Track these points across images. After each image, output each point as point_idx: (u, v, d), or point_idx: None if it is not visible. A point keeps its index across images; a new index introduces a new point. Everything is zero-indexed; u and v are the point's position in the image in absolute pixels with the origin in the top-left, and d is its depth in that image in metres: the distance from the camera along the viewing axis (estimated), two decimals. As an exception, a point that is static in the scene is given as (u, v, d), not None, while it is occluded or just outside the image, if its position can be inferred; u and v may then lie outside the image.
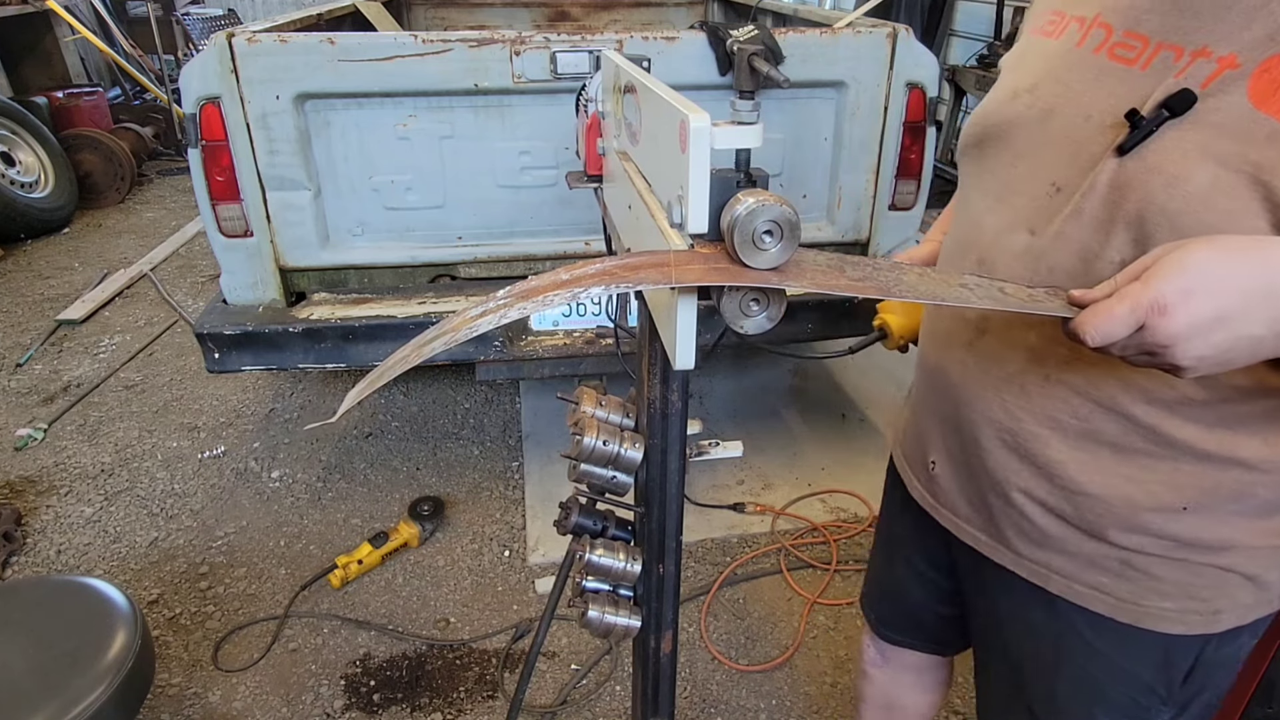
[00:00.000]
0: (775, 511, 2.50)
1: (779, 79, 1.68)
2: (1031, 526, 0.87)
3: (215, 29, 3.81)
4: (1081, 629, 0.88)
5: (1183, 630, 0.83)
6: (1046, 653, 0.93)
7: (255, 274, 2.12)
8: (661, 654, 1.02)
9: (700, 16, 4.47)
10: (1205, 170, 0.64)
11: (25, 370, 3.35)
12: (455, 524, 2.47)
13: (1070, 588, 0.87)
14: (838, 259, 0.63)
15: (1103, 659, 0.88)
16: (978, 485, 0.92)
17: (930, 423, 0.98)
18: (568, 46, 1.97)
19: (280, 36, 1.88)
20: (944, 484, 0.98)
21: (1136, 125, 0.68)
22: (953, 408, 0.91)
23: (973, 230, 0.86)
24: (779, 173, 2.29)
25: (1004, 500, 0.89)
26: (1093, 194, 0.72)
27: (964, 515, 0.96)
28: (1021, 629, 0.96)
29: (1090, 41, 0.77)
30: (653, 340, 0.83)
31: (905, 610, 1.24)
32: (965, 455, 0.92)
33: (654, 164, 0.72)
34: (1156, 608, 0.83)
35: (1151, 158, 0.68)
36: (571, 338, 2.18)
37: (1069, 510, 0.84)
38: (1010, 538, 0.91)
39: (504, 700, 1.89)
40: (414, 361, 0.58)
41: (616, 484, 0.93)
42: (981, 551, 0.95)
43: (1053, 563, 0.88)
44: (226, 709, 1.88)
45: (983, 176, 0.86)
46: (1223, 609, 0.82)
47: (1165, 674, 0.86)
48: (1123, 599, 0.84)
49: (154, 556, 2.32)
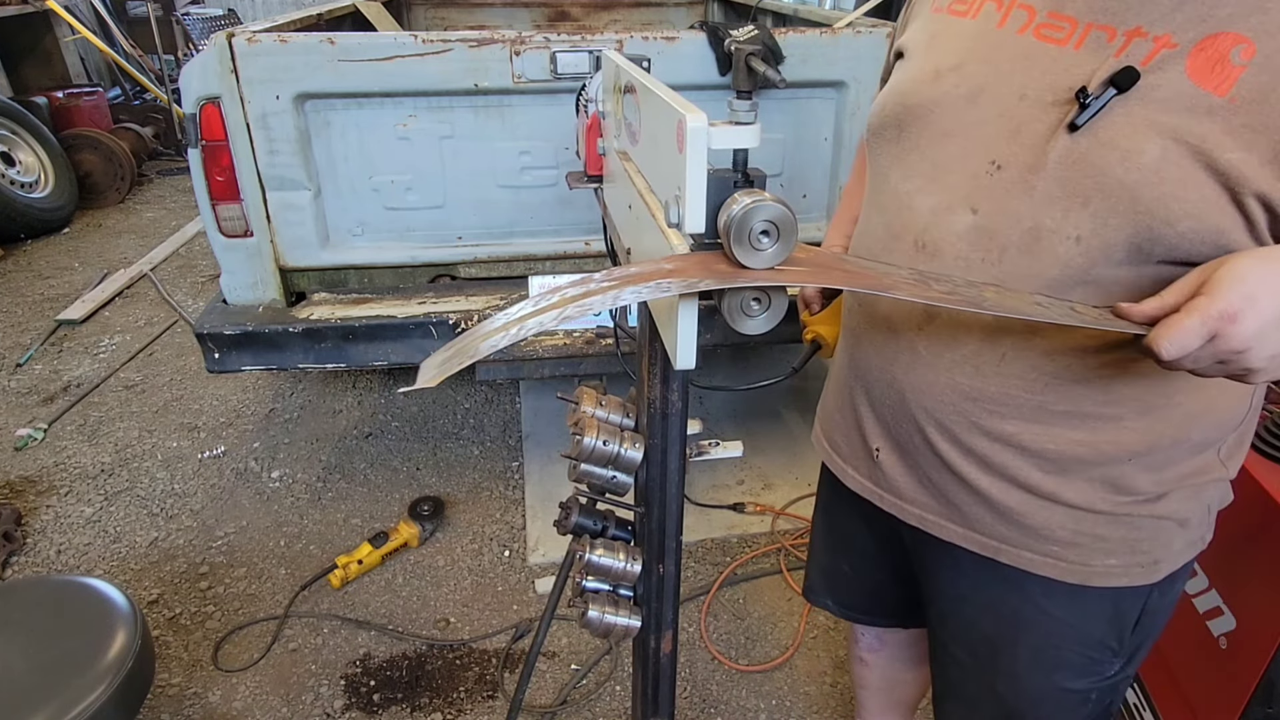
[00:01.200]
0: (775, 511, 2.50)
1: (775, 79, 1.68)
2: (984, 501, 0.89)
3: (215, 29, 3.81)
4: (1037, 598, 0.91)
5: (1128, 583, 0.88)
6: (1005, 626, 0.95)
7: (255, 274, 2.12)
8: (661, 654, 1.02)
9: (700, 16, 4.46)
10: (1155, 143, 0.67)
11: (25, 370, 3.35)
12: (455, 524, 2.47)
13: (1022, 557, 0.90)
14: (912, 271, 0.65)
15: (1058, 623, 0.92)
16: (927, 467, 0.93)
17: (870, 411, 0.98)
18: (568, 46, 1.97)
19: (280, 36, 1.88)
20: (889, 469, 0.98)
21: (1085, 103, 0.69)
22: (898, 393, 0.91)
23: (904, 213, 0.85)
24: (779, 173, 2.29)
25: (957, 479, 0.90)
26: (1044, 171, 0.73)
27: (910, 498, 0.97)
28: (978, 606, 0.98)
29: (1012, 22, 0.79)
30: (653, 340, 0.83)
31: (867, 591, 1.24)
32: (913, 438, 0.93)
33: (653, 164, 0.72)
34: (1103, 565, 0.87)
35: (1104, 133, 0.70)
36: (571, 338, 2.18)
37: (1022, 479, 0.86)
38: (963, 515, 0.92)
39: (504, 700, 1.89)
40: (507, 340, 0.57)
41: (616, 484, 0.93)
42: (931, 532, 0.97)
43: (1007, 535, 0.90)
44: (226, 709, 1.88)
45: (906, 157, 0.86)
46: (1161, 558, 0.88)
47: (1116, 628, 0.92)
48: (1073, 562, 0.88)
49: (154, 556, 2.32)
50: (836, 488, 1.11)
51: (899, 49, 0.93)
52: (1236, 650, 1.15)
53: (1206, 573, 1.23)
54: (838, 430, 1.08)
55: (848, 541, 1.20)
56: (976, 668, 1.02)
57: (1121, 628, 0.92)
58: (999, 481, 0.87)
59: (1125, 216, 0.70)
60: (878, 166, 0.92)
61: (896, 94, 0.88)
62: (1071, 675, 0.95)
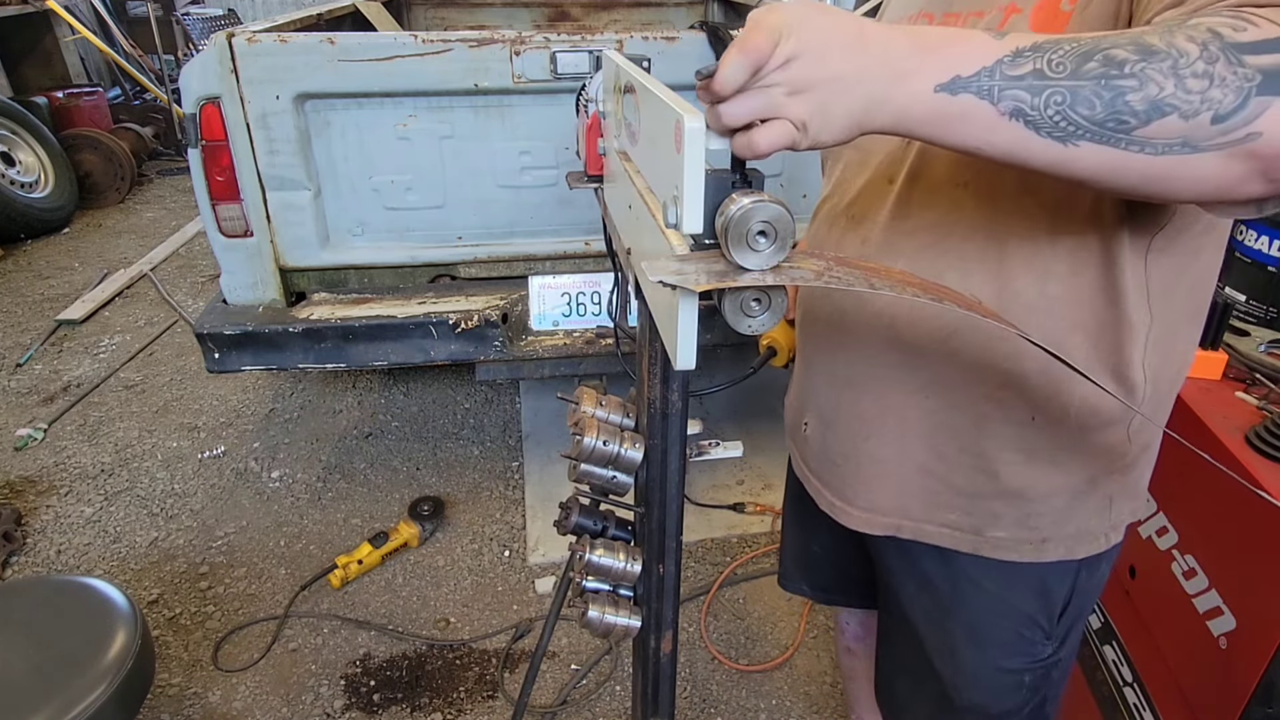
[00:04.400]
0: (775, 511, 2.50)
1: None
2: (931, 484, 0.93)
3: (215, 29, 3.80)
4: (970, 572, 0.94)
5: (1017, 558, 0.91)
6: (942, 602, 0.98)
7: (255, 274, 2.12)
8: (661, 654, 1.02)
9: (700, 16, 4.46)
10: None
11: (25, 370, 3.35)
12: (455, 524, 2.47)
13: (922, 530, 0.94)
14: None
15: (990, 598, 0.95)
16: (850, 447, 0.98)
17: (809, 382, 1.04)
18: (568, 46, 1.97)
19: (280, 36, 1.88)
20: (814, 442, 1.03)
21: None
22: (828, 366, 0.98)
23: (846, 193, 0.95)
24: (779, 173, 2.29)
25: (925, 467, 0.93)
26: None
27: (825, 481, 1.03)
28: (917, 582, 1.00)
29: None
30: (653, 340, 0.83)
31: (838, 572, 1.26)
32: (839, 409, 0.98)
33: (652, 164, 0.72)
34: (993, 538, 0.91)
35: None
36: (571, 338, 2.18)
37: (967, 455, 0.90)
38: (867, 495, 0.97)
39: (504, 700, 1.89)
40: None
41: (616, 484, 0.93)
42: (836, 518, 1.01)
43: (947, 519, 0.93)
44: (226, 709, 1.88)
45: (846, 151, 0.97)
46: (1049, 536, 0.91)
47: (1045, 605, 0.95)
48: (966, 532, 0.92)
49: (154, 556, 2.33)
50: (792, 473, 1.18)
51: None
52: (1236, 650, 1.15)
53: (1206, 573, 1.23)
54: (790, 412, 1.14)
55: (813, 523, 1.21)
56: (918, 644, 1.04)
57: (1050, 606, 0.95)
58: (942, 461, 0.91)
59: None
60: (830, 166, 1.05)
61: None
62: (1005, 654, 0.98)
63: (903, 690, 1.13)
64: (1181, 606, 1.26)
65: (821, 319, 0.98)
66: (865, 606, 1.31)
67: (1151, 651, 1.36)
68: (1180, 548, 1.29)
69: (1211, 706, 1.20)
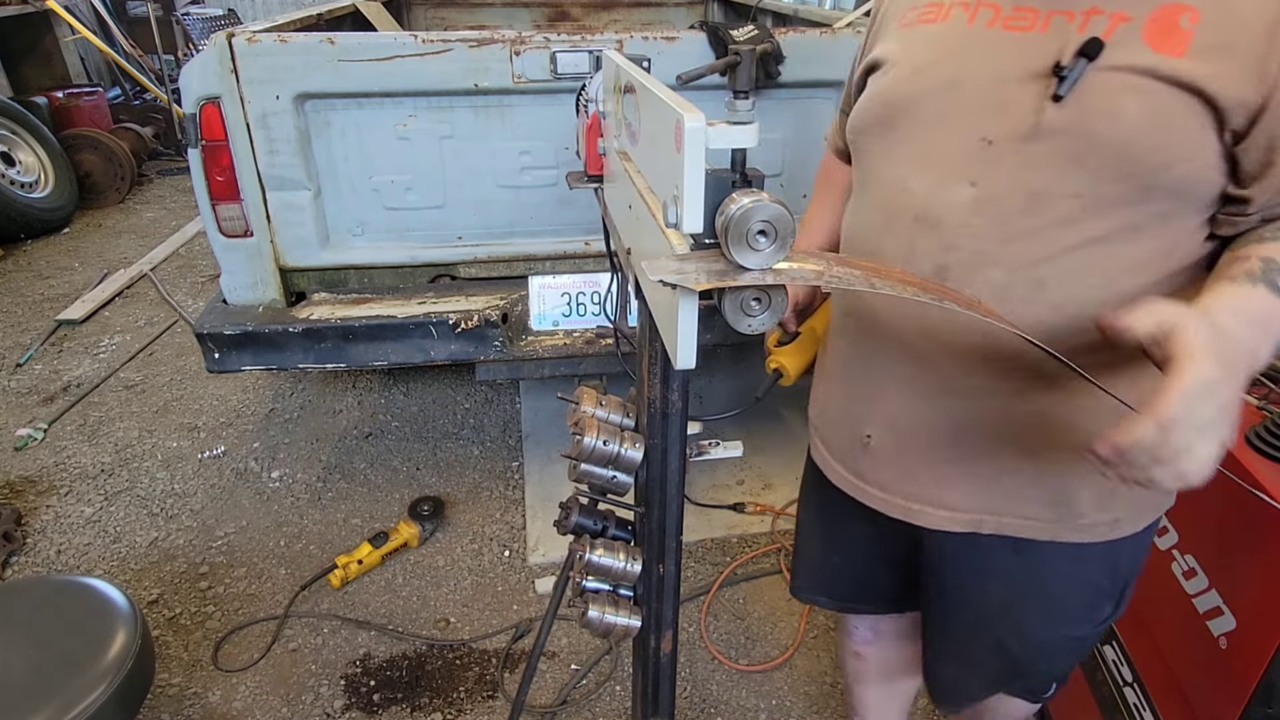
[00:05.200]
0: (775, 511, 2.50)
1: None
2: (1019, 481, 0.94)
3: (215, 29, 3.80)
4: (1049, 559, 0.98)
5: (1128, 532, 0.97)
6: (1017, 589, 1.02)
7: (255, 274, 2.12)
8: (661, 654, 1.02)
9: (700, 16, 4.46)
10: (1133, 102, 0.75)
11: (25, 370, 3.35)
12: (455, 524, 2.47)
13: (1045, 529, 0.96)
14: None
15: (1064, 577, 1.00)
16: (931, 454, 0.97)
17: (874, 394, 1.01)
18: (568, 46, 1.97)
19: (280, 36, 1.88)
20: (881, 457, 1.02)
21: (1062, 75, 0.77)
22: (908, 377, 0.96)
23: (900, 195, 0.91)
24: (779, 173, 2.29)
25: (993, 465, 0.94)
26: (1036, 140, 0.80)
27: (895, 489, 1.01)
28: (983, 576, 1.04)
29: (981, 19, 0.86)
30: (653, 340, 0.83)
31: (859, 583, 1.27)
32: (919, 419, 0.96)
33: (652, 164, 0.72)
34: (1109, 520, 0.95)
35: (1087, 100, 0.77)
36: (571, 338, 2.18)
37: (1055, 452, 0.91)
38: (960, 500, 0.97)
39: (504, 700, 1.89)
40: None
41: (616, 484, 0.93)
42: (916, 523, 1.01)
43: (1030, 511, 0.95)
44: (226, 709, 1.88)
45: (895, 148, 0.93)
46: (1145, 509, 0.98)
47: (1112, 573, 1.01)
48: (1098, 523, 0.95)
49: (154, 556, 2.33)
50: (825, 485, 1.14)
51: (873, 63, 0.99)
52: (1236, 650, 1.15)
53: (1206, 573, 1.23)
54: (829, 424, 1.12)
55: (838, 534, 1.22)
56: (982, 631, 1.08)
57: (1116, 574, 1.02)
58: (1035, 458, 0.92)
59: (1120, 170, 0.77)
60: (865, 163, 0.99)
61: (877, 96, 0.94)
62: (1074, 623, 1.04)
63: (959, 672, 1.18)
64: (1181, 606, 1.26)
65: (894, 332, 0.96)
66: (888, 611, 1.32)
67: (1151, 651, 1.36)
68: (1180, 548, 1.29)
69: (1211, 706, 1.20)
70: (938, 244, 0.87)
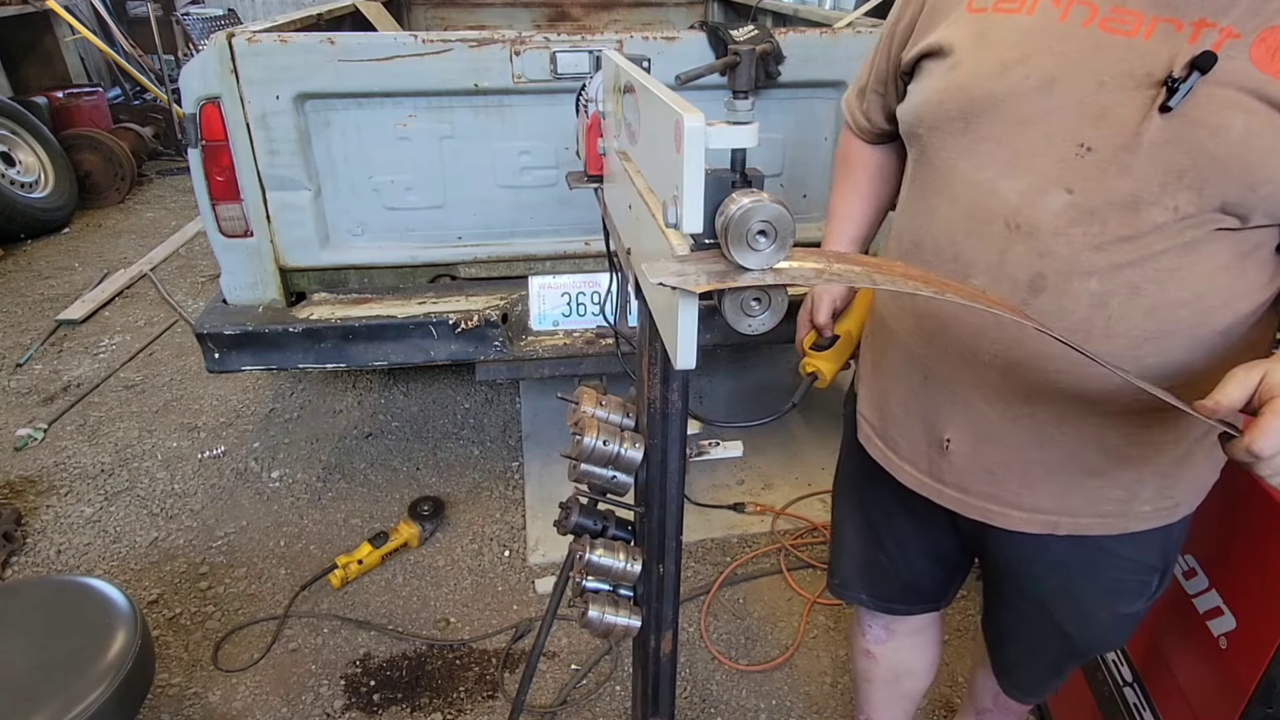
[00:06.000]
0: (775, 511, 2.50)
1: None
2: (1097, 483, 0.96)
3: (215, 29, 3.81)
4: (1107, 544, 1.01)
5: (1184, 514, 1.01)
6: (1076, 574, 1.05)
7: (255, 274, 2.12)
8: (661, 654, 1.02)
9: (700, 16, 4.46)
10: (1239, 119, 0.74)
11: (25, 370, 3.35)
12: (455, 524, 2.47)
13: (1113, 525, 0.98)
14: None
15: (1125, 561, 1.03)
16: (1014, 458, 0.98)
17: (951, 398, 0.99)
18: (568, 46, 1.97)
19: (280, 36, 1.88)
20: (958, 461, 1.01)
21: (1174, 86, 0.75)
22: (987, 383, 0.95)
23: (988, 198, 0.88)
24: (779, 173, 2.29)
25: (1064, 456, 0.95)
26: (1138, 150, 0.79)
27: (975, 490, 1.02)
28: (1047, 565, 1.06)
29: (1075, 17, 0.83)
30: (653, 340, 0.83)
31: (904, 581, 1.27)
32: (1004, 425, 0.96)
33: (652, 164, 0.72)
34: (1170, 506, 0.98)
35: (1192, 113, 0.76)
36: (571, 338, 2.18)
37: (1123, 441, 0.93)
38: (1039, 501, 0.99)
39: (504, 700, 1.89)
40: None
41: (616, 484, 0.93)
42: (994, 523, 1.02)
43: (1104, 510, 0.97)
44: (226, 709, 1.88)
45: (978, 148, 0.89)
46: (1199, 491, 1.02)
47: (1164, 551, 1.04)
48: (1159, 509, 0.98)
49: (154, 556, 2.33)
50: (876, 482, 1.15)
51: (932, 48, 0.93)
52: (1236, 650, 1.15)
53: (1207, 573, 1.23)
54: (894, 425, 1.10)
55: (887, 533, 1.23)
56: (1043, 615, 1.11)
57: (1168, 553, 1.05)
58: (1102, 453, 0.94)
59: (1218, 186, 0.77)
60: (939, 159, 0.94)
61: (956, 89, 0.89)
62: (1129, 601, 1.08)
63: (1021, 653, 1.22)
64: (1181, 606, 1.26)
65: (974, 340, 0.95)
66: (924, 610, 1.34)
67: (1151, 651, 1.36)
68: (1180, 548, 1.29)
69: (1211, 706, 1.20)
70: (1033, 251, 0.85)
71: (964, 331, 0.95)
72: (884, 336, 1.10)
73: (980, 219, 0.89)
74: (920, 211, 0.98)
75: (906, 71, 1.01)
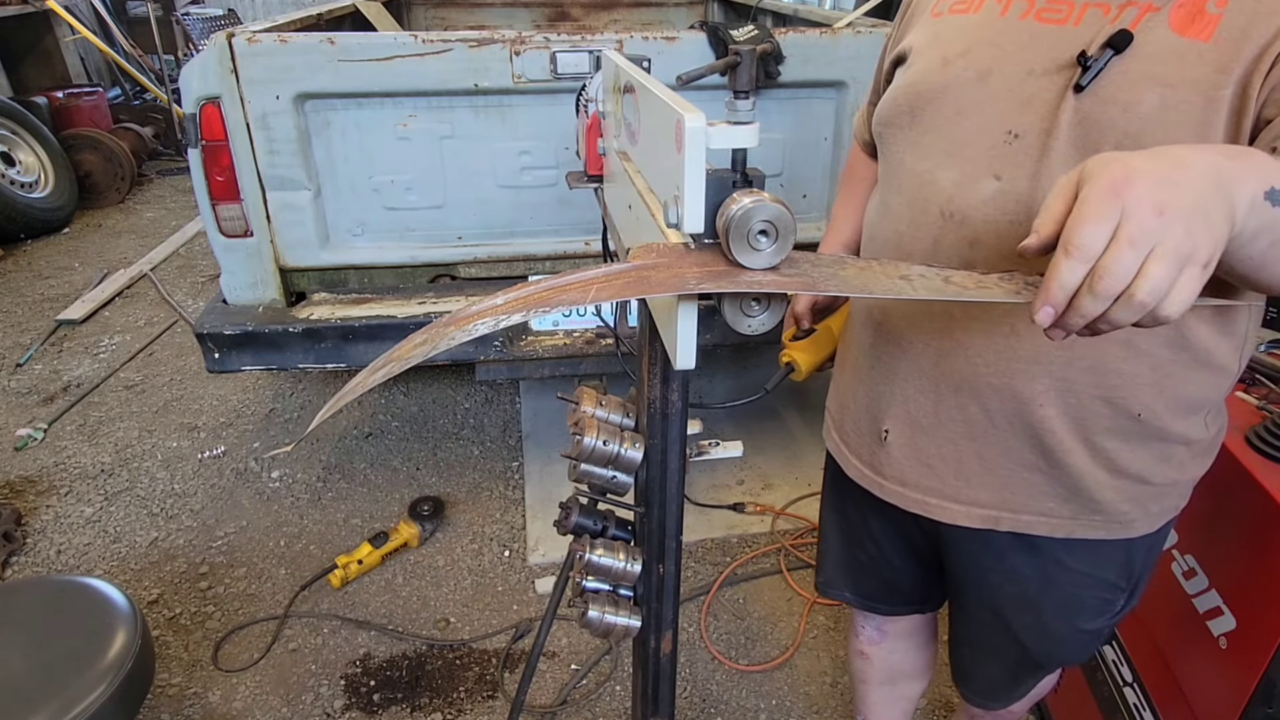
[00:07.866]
0: (775, 511, 2.50)
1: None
2: (1035, 478, 0.94)
3: (215, 29, 3.81)
4: (1061, 557, 1.00)
5: (1144, 531, 0.98)
6: (1032, 586, 1.03)
7: (255, 274, 2.12)
8: (661, 654, 1.02)
9: (700, 16, 4.46)
10: (1153, 93, 0.74)
11: (25, 370, 3.35)
12: (455, 524, 2.47)
13: (1060, 526, 0.96)
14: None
15: (1081, 576, 1.01)
16: (948, 450, 0.97)
17: (895, 389, 1.00)
18: (568, 46, 1.97)
19: (280, 37, 1.88)
20: (896, 452, 1.02)
21: (1086, 65, 0.77)
22: (922, 373, 0.95)
23: (925, 188, 0.90)
24: (779, 173, 2.29)
25: (1012, 457, 0.94)
26: (1057, 133, 0.79)
27: (913, 483, 1.02)
28: (1003, 574, 1.04)
29: (1014, 11, 0.86)
30: (653, 340, 0.83)
31: (884, 579, 1.27)
32: (938, 415, 0.96)
33: (652, 164, 0.72)
34: (1123, 519, 0.96)
35: (1104, 91, 0.77)
36: (571, 338, 2.18)
37: (1106, 455, 0.91)
38: (979, 494, 0.97)
39: (504, 700, 1.89)
40: (397, 369, 0.58)
41: (616, 484, 0.93)
42: (933, 516, 1.01)
43: (1046, 507, 0.95)
44: (226, 709, 1.88)
45: (921, 140, 0.91)
46: (1162, 510, 0.98)
47: (1126, 569, 1.02)
48: (1113, 522, 0.96)
49: (154, 556, 2.32)
50: (842, 478, 1.15)
51: (901, 53, 0.97)
52: (1236, 650, 1.15)
53: (1207, 573, 1.23)
54: (848, 418, 1.11)
55: (863, 530, 1.23)
56: (1001, 624, 1.10)
57: (1130, 569, 1.02)
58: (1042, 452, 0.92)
59: None
60: (891, 154, 0.97)
61: (906, 86, 0.93)
62: (1089, 618, 1.05)
63: (979, 659, 1.21)
64: (1181, 606, 1.26)
65: (912, 329, 0.95)
66: (911, 611, 1.33)
67: (1151, 651, 1.36)
68: (1180, 548, 1.29)
69: (1211, 706, 1.20)
70: (963, 240, 0.86)
71: (902, 319, 0.96)
72: (849, 327, 1.13)
73: (920, 209, 0.90)
74: (876, 206, 1.02)
75: (888, 81, 1.03)
